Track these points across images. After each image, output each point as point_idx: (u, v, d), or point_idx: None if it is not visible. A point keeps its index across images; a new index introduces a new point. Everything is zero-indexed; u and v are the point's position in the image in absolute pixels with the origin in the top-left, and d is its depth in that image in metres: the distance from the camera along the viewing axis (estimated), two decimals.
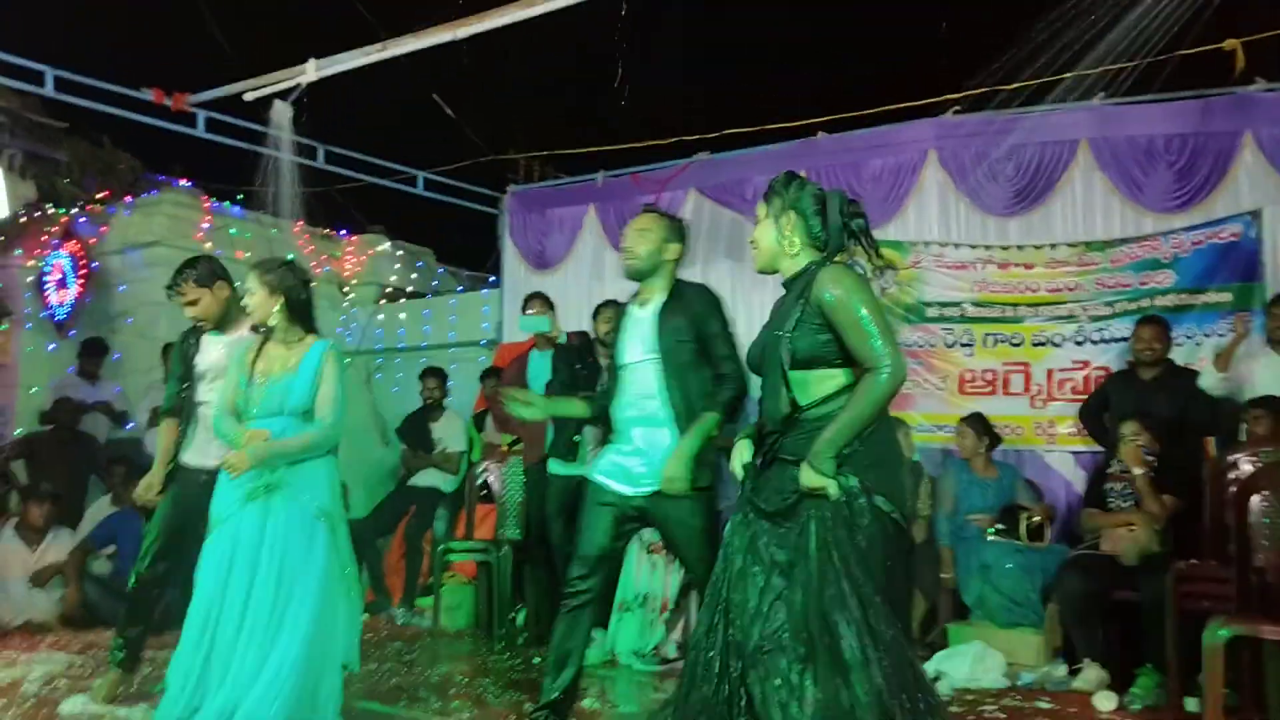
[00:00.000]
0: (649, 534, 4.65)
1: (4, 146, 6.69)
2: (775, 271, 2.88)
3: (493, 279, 8.73)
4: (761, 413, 2.83)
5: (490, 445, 6.84)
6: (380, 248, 9.31)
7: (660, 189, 7.25)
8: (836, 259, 2.79)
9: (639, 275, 3.50)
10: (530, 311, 5.74)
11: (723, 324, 3.48)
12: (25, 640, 5.34)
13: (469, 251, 9.82)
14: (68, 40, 6.38)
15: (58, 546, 6.05)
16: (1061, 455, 5.89)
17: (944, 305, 6.16)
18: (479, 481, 6.68)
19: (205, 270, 4.10)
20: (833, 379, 2.68)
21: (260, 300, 3.60)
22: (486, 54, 6.50)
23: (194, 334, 4.17)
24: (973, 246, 6.15)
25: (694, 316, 3.43)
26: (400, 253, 9.44)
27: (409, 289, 9.31)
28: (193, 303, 4.05)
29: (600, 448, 3.68)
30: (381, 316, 9.00)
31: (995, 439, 5.60)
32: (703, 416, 3.37)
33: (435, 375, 7.16)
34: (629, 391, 3.48)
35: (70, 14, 8.18)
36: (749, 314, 6.75)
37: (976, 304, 6.10)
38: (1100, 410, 5.41)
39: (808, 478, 2.59)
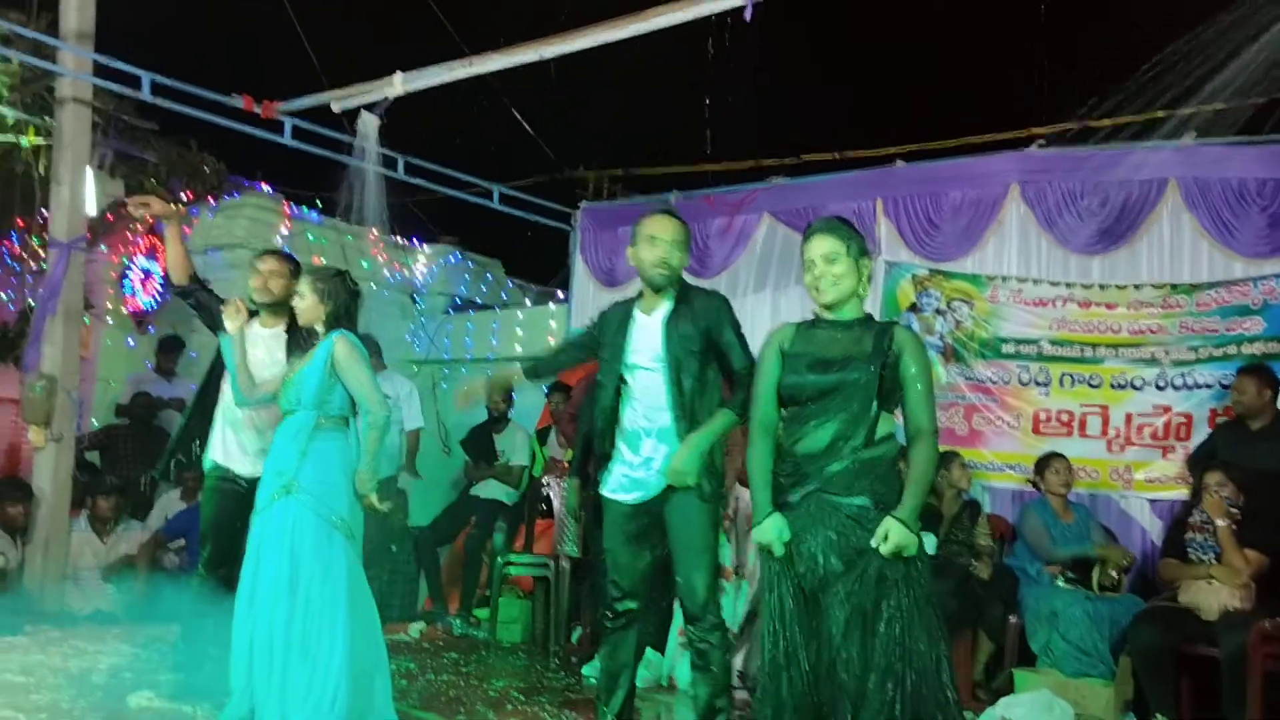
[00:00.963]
0: None
1: (96, 146, 6.85)
2: (838, 306, 2.98)
3: (561, 294, 8.78)
4: (795, 444, 2.92)
5: (553, 460, 6.86)
6: (451, 258, 9.43)
7: (734, 211, 7.24)
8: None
9: (668, 286, 3.47)
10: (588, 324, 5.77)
11: (736, 330, 3.46)
12: (94, 630, 5.45)
13: (538, 265, 9.90)
14: (166, 47, 6.54)
15: (129, 539, 6.19)
16: (1138, 502, 5.73)
17: (1020, 342, 6.04)
18: (540, 496, 6.71)
19: (295, 263, 4.32)
20: (886, 423, 2.91)
21: (310, 305, 3.71)
22: (567, 73, 6.57)
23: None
24: (1053, 283, 6.02)
25: (706, 327, 3.41)
26: (471, 264, 9.55)
27: (478, 300, 9.40)
28: (279, 275, 4.22)
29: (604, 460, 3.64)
30: (450, 326, 9.10)
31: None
32: (718, 413, 3.38)
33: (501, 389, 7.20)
34: (639, 401, 3.48)
35: (170, 23, 8.42)
36: None
37: (1054, 342, 5.97)
38: (1209, 460, 5.23)
39: (899, 538, 2.76)
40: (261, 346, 4.17)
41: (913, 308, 6.35)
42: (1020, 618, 5.16)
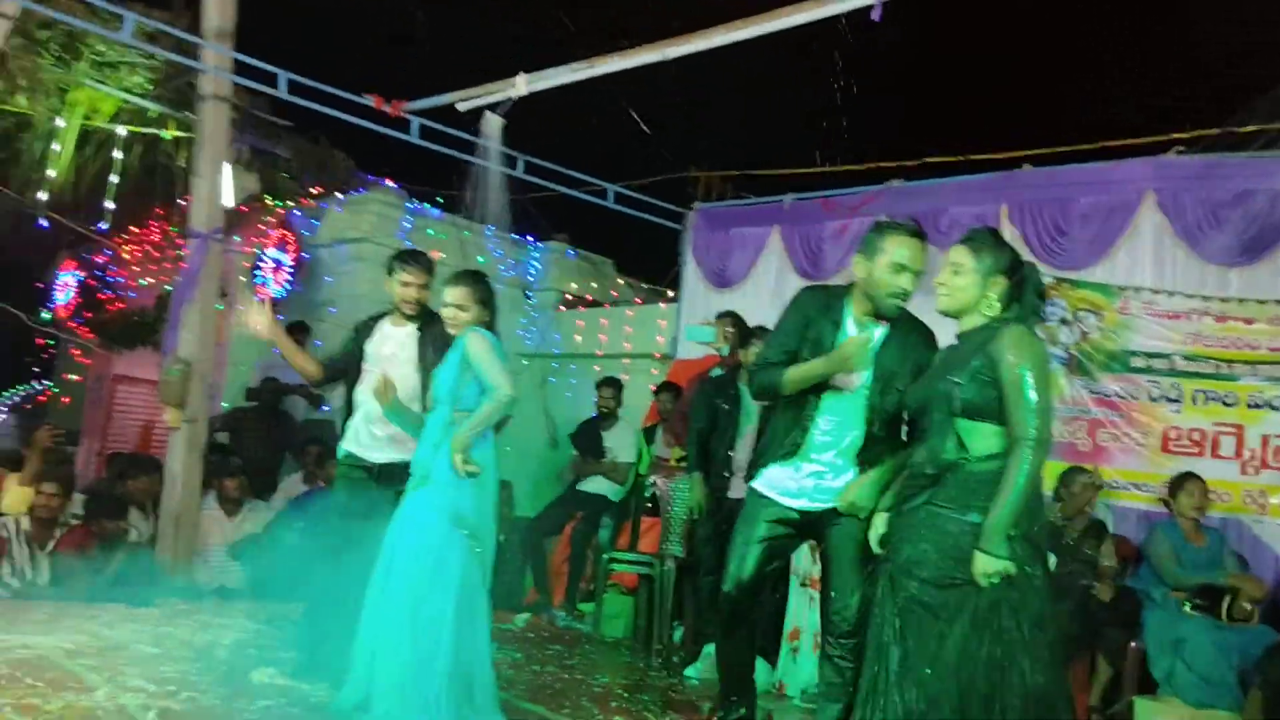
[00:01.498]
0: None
1: (233, 140, 7.17)
2: (955, 317, 2.99)
3: (671, 294, 8.81)
4: (914, 456, 2.97)
5: (659, 459, 6.88)
6: (564, 255, 9.56)
7: (850, 215, 7.14)
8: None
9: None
10: (699, 322, 5.79)
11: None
12: (219, 605, 5.71)
13: (649, 264, 9.94)
14: (301, 47, 6.79)
15: (254, 518, 6.46)
16: (1273, 527, 5.44)
17: (1151, 356, 5.80)
18: (646, 494, 6.75)
19: (432, 264, 4.38)
20: (997, 436, 2.80)
21: (474, 316, 3.78)
22: (685, 73, 6.56)
23: (376, 319, 4.38)
24: (1188, 296, 5.75)
25: (916, 363, 3.28)
26: (583, 262, 9.66)
27: (588, 297, 9.50)
28: (422, 285, 4.26)
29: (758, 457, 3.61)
30: (560, 323, 9.22)
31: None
32: (899, 454, 3.27)
33: (611, 385, 7.27)
34: (833, 409, 3.37)
35: (306, 23, 8.75)
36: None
37: (1188, 357, 5.70)
38: None
39: (984, 565, 2.69)
40: (393, 344, 4.28)
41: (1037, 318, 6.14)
42: (1142, 643, 4.96)
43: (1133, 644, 4.98)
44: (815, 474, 3.41)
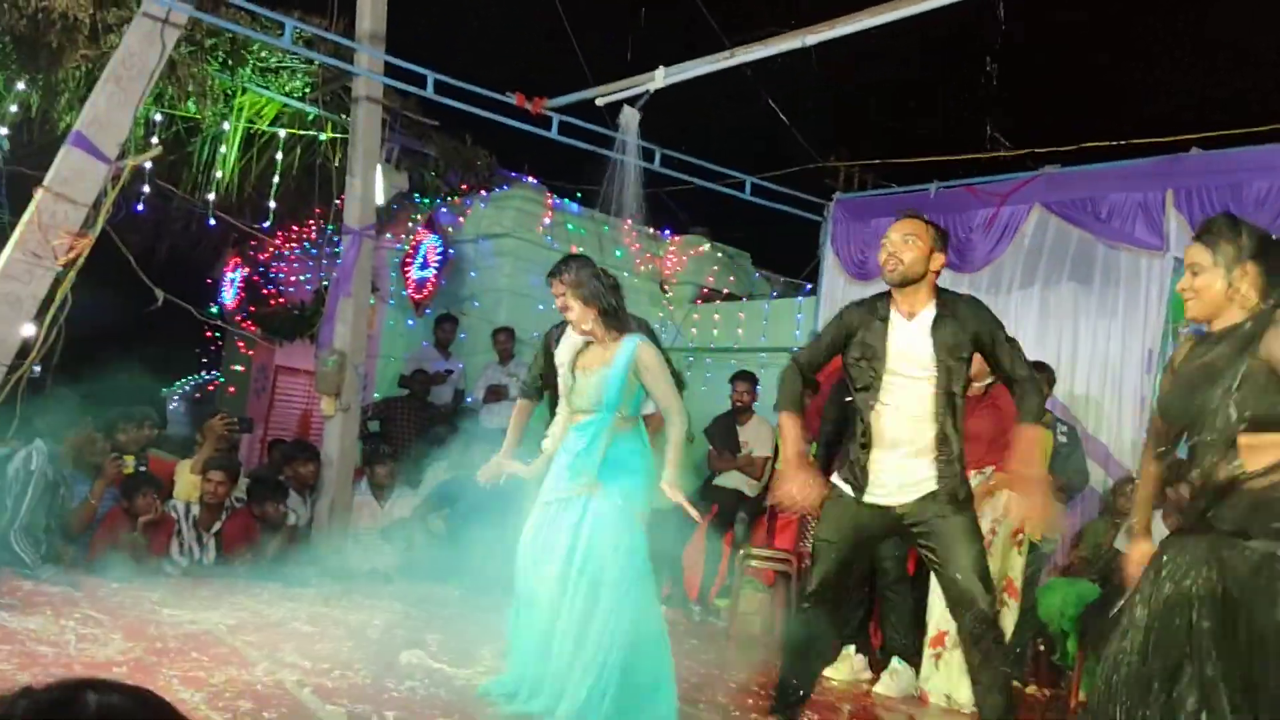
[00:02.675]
0: None
1: (385, 141, 7.43)
2: (1208, 321, 2.66)
3: (809, 286, 8.67)
4: (1189, 476, 2.66)
5: None
6: (701, 249, 9.53)
7: (1000, 202, 6.85)
8: None
9: (903, 283, 3.43)
10: None
11: (1004, 331, 3.44)
12: (371, 587, 5.93)
13: (786, 257, 9.82)
14: (448, 48, 7.00)
15: (403, 503, 6.69)
16: None
17: None
18: None
19: (568, 271, 4.31)
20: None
21: (579, 312, 3.80)
22: (824, 61, 6.44)
23: (560, 327, 4.42)
24: None
25: (974, 333, 3.39)
26: (720, 254, 9.62)
27: (725, 290, 9.45)
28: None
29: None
30: (697, 316, 9.20)
31: None
32: (1028, 428, 3.39)
33: (746, 379, 7.21)
34: (898, 409, 3.42)
35: (454, 26, 9.00)
36: (1093, 343, 6.26)
37: None
38: None
39: None
40: (566, 348, 4.29)
41: None
42: None
43: None
44: (897, 470, 3.41)
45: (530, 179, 9.19)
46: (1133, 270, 6.13)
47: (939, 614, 4.78)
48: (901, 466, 3.42)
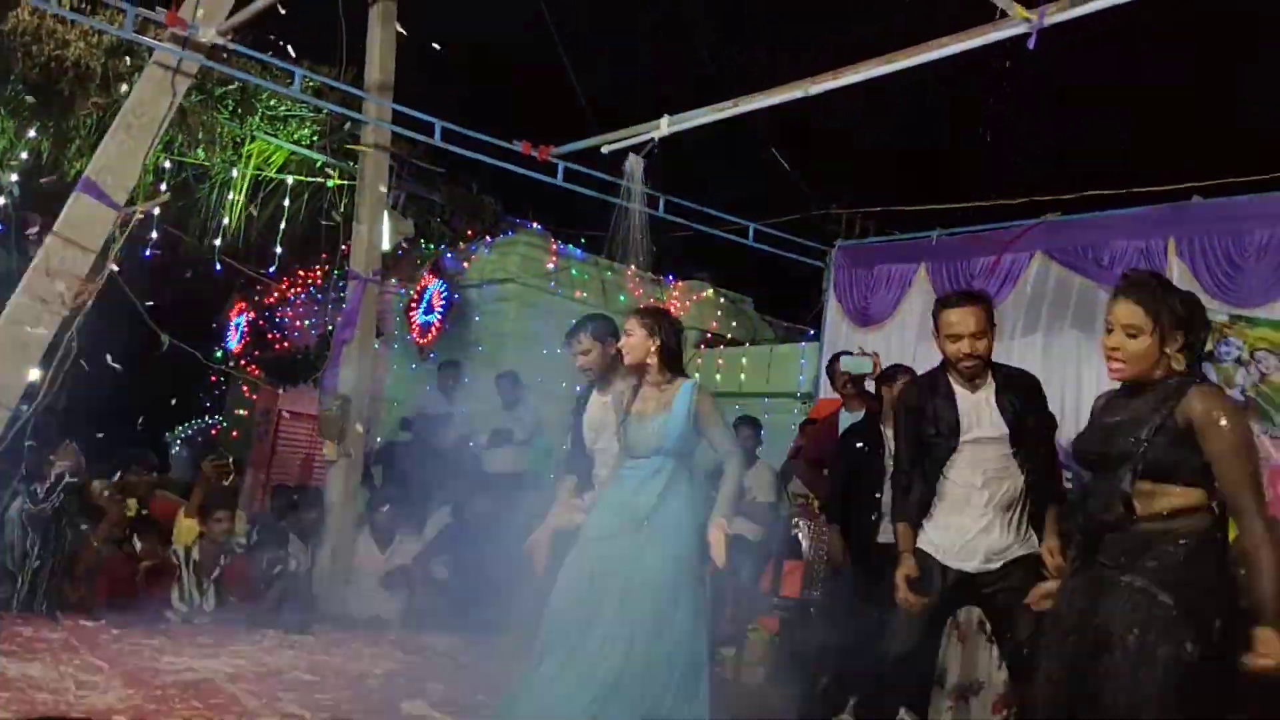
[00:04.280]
0: None
1: (392, 188, 7.50)
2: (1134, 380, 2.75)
3: (811, 332, 8.69)
4: (1082, 510, 2.83)
5: (799, 501, 6.75)
6: (704, 294, 9.58)
7: (1002, 250, 6.88)
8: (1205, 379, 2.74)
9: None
10: (855, 353, 5.74)
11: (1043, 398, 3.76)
12: (371, 635, 5.87)
13: (789, 303, 9.86)
14: (455, 97, 7.09)
15: (404, 550, 6.65)
16: None
17: None
18: (789, 536, 6.61)
19: (601, 327, 4.24)
20: (1176, 497, 2.62)
21: (638, 341, 3.76)
22: (827, 110, 6.50)
23: (583, 397, 4.29)
24: None
25: (1035, 408, 3.65)
26: (723, 300, 9.66)
27: (729, 336, 9.47)
28: (585, 353, 4.17)
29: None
30: (700, 361, 9.21)
31: None
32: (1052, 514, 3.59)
33: (749, 425, 7.18)
34: (976, 467, 3.58)
35: (461, 75, 9.12)
36: (1096, 390, 6.20)
37: None
38: None
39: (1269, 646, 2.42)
40: (598, 409, 4.18)
41: (1209, 357, 5.76)
42: None
43: None
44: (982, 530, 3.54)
45: (535, 225, 9.26)
46: None
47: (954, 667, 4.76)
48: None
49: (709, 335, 9.46)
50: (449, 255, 9.13)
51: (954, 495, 3.57)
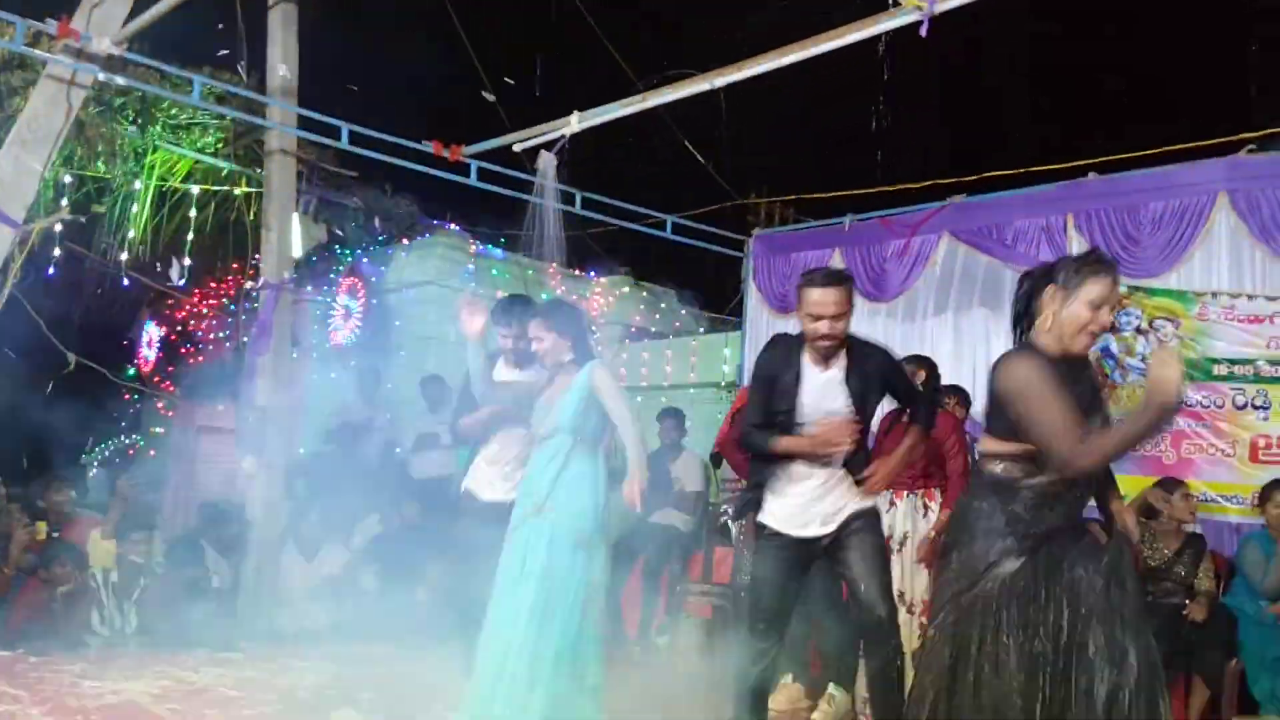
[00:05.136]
0: None
1: (301, 193, 7.38)
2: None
3: (734, 321, 8.79)
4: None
5: (727, 482, 6.83)
6: (626, 289, 9.62)
7: (911, 233, 7.05)
8: None
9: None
10: None
11: (900, 366, 3.93)
12: (299, 649, 5.78)
13: (711, 294, 9.95)
14: (362, 99, 7.02)
15: (331, 561, 6.56)
16: None
17: (1234, 362, 5.59)
18: (719, 523, 6.69)
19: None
20: None
21: (551, 345, 3.89)
22: (737, 101, 6.58)
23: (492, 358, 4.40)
24: (1270, 298, 5.54)
25: (882, 383, 3.74)
26: (645, 293, 9.71)
27: (652, 329, 9.53)
28: (538, 340, 4.23)
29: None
30: (625, 355, 9.25)
31: None
32: (911, 433, 3.82)
33: (673, 416, 7.24)
34: None
35: (366, 78, 9.01)
36: None
37: (1273, 362, 5.48)
38: None
39: None
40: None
41: (1111, 328, 5.96)
42: (1241, 662, 4.74)
43: (1231, 663, 4.76)
44: (817, 499, 3.67)
45: (453, 226, 9.19)
46: None
47: None
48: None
49: (633, 329, 9.51)
50: (365, 260, 9.02)
51: (796, 469, 3.63)
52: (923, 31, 4.18)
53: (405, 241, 9.00)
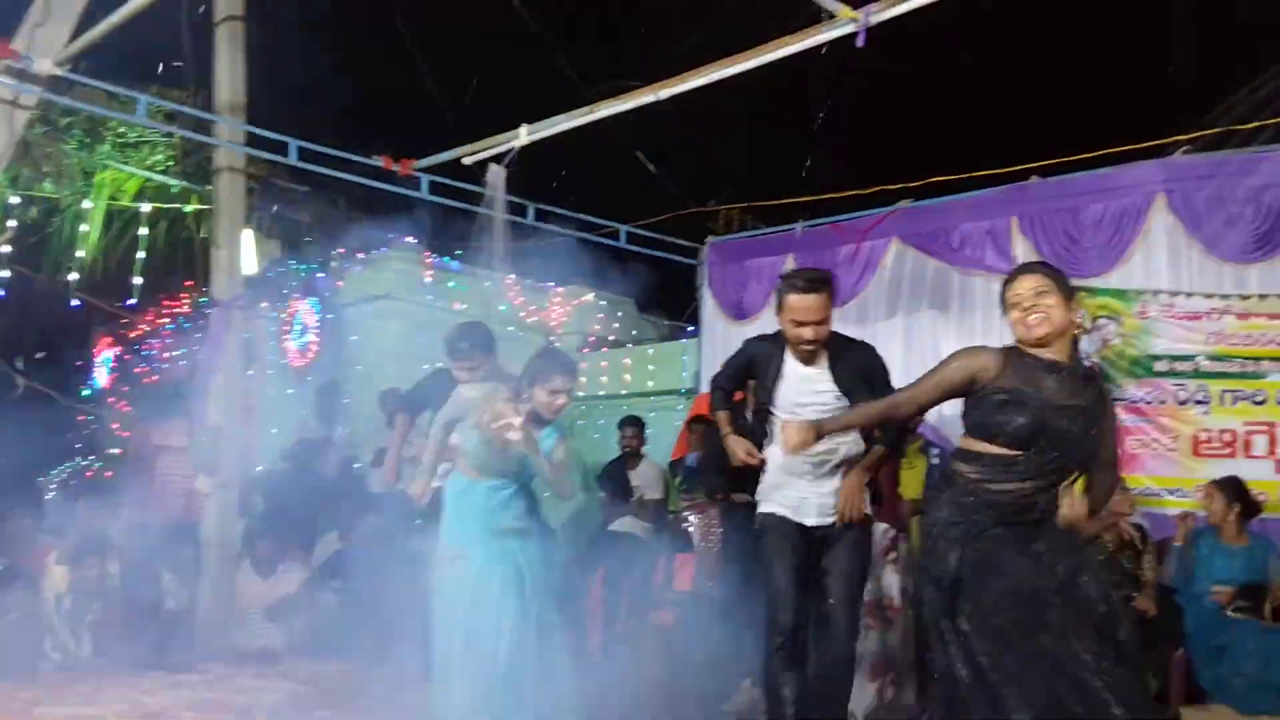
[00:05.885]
0: None
1: (254, 209, 7.35)
2: (1043, 343, 2.97)
3: (691, 328, 8.84)
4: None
5: (685, 493, 6.87)
6: (584, 298, 9.64)
7: (861, 238, 7.14)
8: None
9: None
10: None
11: (881, 367, 3.84)
12: (256, 668, 5.73)
13: (669, 302, 10.00)
14: (310, 115, 6.99)
15: (289, 579, 6.51)
16: None
17: (1175, 359, 5.72)
18: (679, 531, 6.72)
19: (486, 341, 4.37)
20: None
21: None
22: (689, 111, 6.64)
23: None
24: (1207, 296, 5.68)
25: (867, 373, 3.73)
26: (603, 303, 9.74)
27: (611, 338, 9.56)
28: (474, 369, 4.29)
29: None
30: (585, 364, 9.27)
31: (1252, 507, 5.11)
32: (874, 450, 3.76)
33: (633, 424, 7.27)
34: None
35: (312, 93, 8.98)
36: None
37: (1212, 358, 5.62)
38: None
39: None
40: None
41: None
42: (1187, 652, 4.85)
43: (1178, 653, 4.87)
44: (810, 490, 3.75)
45: (409, 239, 9.18)
46: (986, 295, 6.42)
47: None
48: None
49: (591, 339, 9.53)
50: (320, 275, 8.98)
51: (790, 463, 3.66)
52: (859, 42, 4.25)
53: (360, 255, 8.97)
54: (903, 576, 5.08)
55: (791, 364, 3.71)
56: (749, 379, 3.91)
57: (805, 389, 3.68)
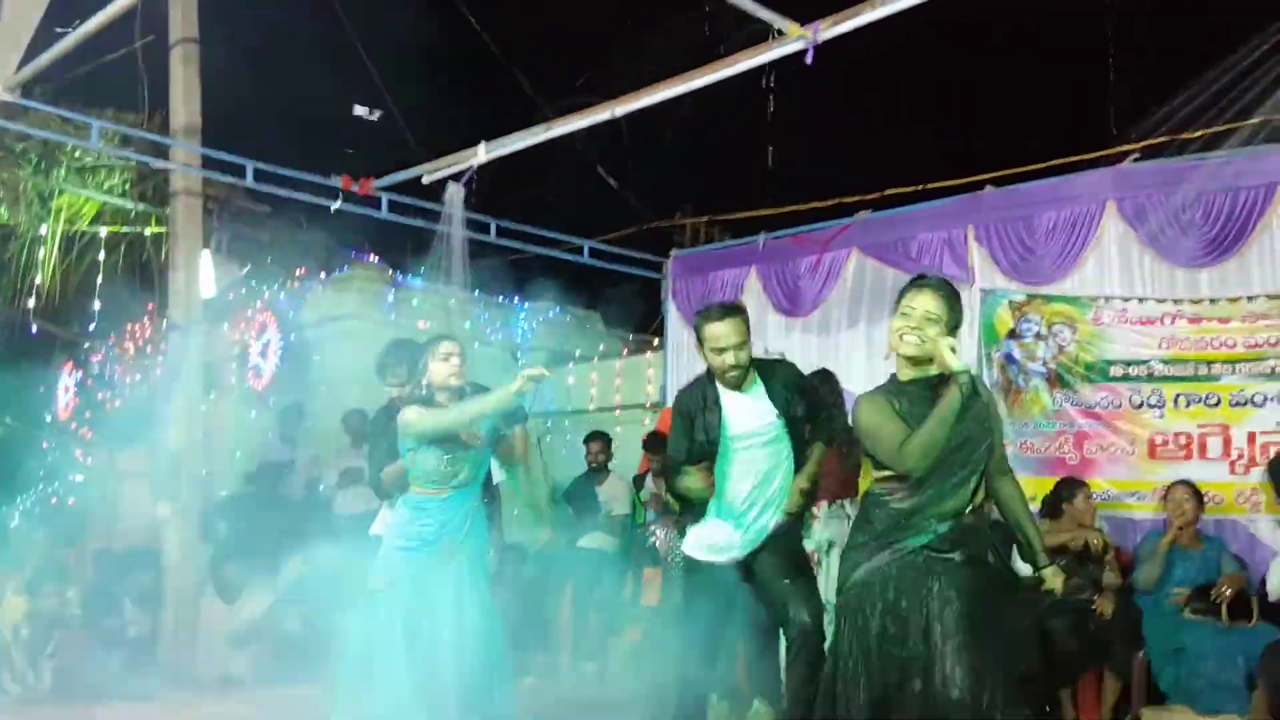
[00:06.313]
0: None
1: (214, 231, 7.30)
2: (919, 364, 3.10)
3: (657, 342, 8.86)
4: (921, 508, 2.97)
5: (660, 501, 6.87)
6: (549, 314, 9.65)
7: (821, 249, 7.19)
8: None
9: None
10: None
11: (801, 372, 4.05)
12: (220, 694, 5.69)
13: (634, 315, 10.02)
14: (267, 136, 6.96)
15: (254, 603, 6.46)
16: (1269, 524, 5.39)
17: (1129, 364, 5.80)
18: (646, 544, 6.72)
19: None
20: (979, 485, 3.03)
21: (460, 368, 4.00)
22: (649, 126, 6.70)
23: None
24: (1159, 301, 5.77)
25: (801, 391, 3.88)
26: (569, 318, 9.75)
27: (577, 353, 9.57)
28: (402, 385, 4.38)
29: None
30: (551, 380, 9.26)
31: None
32: (814, 449, 3.90)
33: (599, 439, 7.27)
34: (747, 468, 3.80)
35: (268, 115, 8.95)
36: None
37: (1166, 362, 5.70)
38: None
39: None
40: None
41: (1012, 334, 6.18)
42: (1147, 653, 4.90)
43: (1138, 655, 4.92)
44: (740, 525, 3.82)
45: (372, 258, 9.15)
46: None
47: None
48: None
49: (558, 354, 9.52)
50: (282, 296, 8.92)
51: (729, 495, 3.78)
52: (808, 59, 4.30)
53: (322, 275, 8.92)
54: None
55: (725, 394, 3.82)
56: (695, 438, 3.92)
57: (749, 412, 3.79)
